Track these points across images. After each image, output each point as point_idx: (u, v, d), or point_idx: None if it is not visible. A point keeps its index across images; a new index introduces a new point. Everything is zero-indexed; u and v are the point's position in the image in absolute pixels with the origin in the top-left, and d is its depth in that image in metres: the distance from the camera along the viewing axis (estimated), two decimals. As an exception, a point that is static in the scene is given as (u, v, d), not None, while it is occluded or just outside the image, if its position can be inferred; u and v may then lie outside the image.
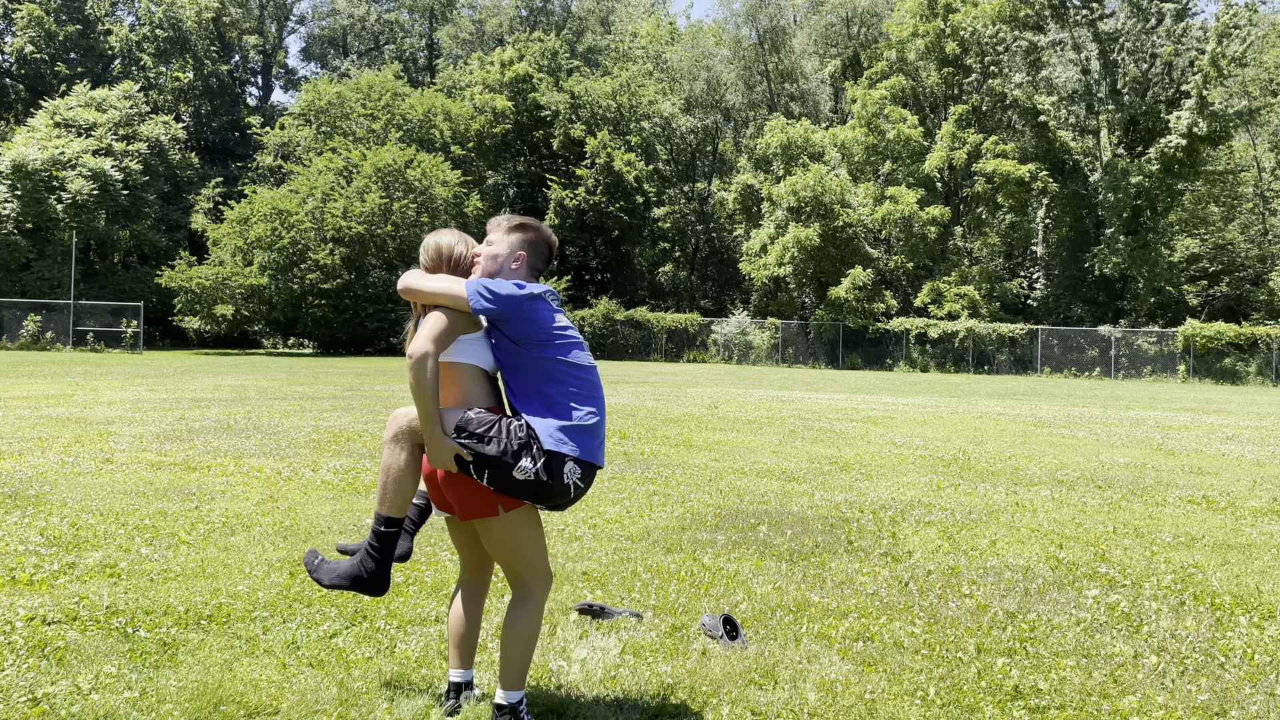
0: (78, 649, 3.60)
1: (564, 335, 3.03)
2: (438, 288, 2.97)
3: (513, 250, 3.11)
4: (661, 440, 10.57)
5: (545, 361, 2.99)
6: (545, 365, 2.99)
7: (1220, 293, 44.70)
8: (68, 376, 19.39)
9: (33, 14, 54.38)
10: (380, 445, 9.44)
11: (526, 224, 3.17)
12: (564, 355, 3.01)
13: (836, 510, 6.76)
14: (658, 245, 53.17)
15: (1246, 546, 5.95)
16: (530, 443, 2.88)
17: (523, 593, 3.06)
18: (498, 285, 2.94)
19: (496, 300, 2.91)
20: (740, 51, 56.78)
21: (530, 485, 2.87)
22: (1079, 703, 3.39)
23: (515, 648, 3.00)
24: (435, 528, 5.85)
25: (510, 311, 2.93)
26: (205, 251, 43.72)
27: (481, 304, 2.91)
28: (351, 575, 3.04)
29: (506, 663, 3.01)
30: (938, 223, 43.04)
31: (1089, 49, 42.30)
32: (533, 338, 2.97)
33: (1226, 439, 12.68)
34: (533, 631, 3.02)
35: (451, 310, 2.96)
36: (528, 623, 3.01)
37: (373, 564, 3.02)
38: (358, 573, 3.03)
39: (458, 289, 2.94)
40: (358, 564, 3.04)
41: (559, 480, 2.89)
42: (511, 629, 3.02)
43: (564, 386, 2.99)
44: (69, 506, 6.11)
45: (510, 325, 2.96)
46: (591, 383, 3.06)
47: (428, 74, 66.54)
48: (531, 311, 2.96)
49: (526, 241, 3.14)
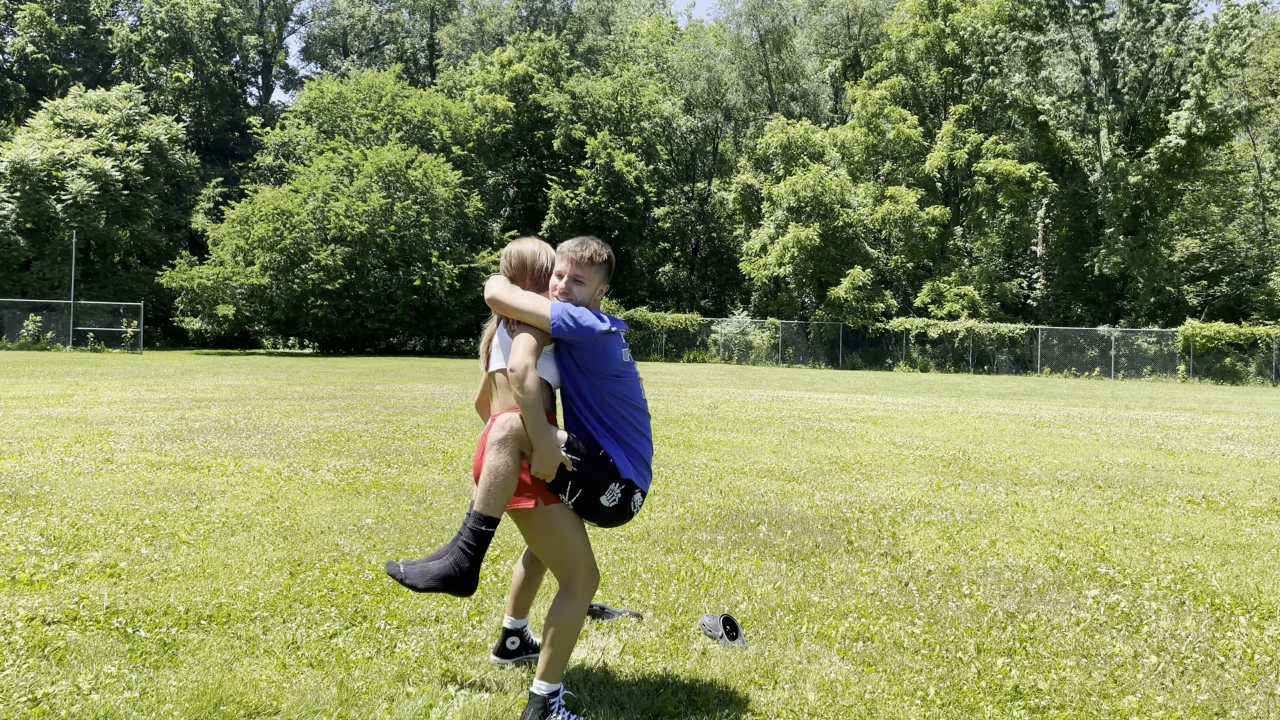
0: (78, 649, 3.60)
1: (629, 372, 3.25)
2: (525, 305, 3.13)
3: (601, 283, 3.30)
4: (661, 440, 10.57)
5: (609, 394, 3.20)
6: (608, 398, 3.20)
7: (1220, 293, 44.69)
8: (68, 376, 19.39)
9: (34, 14, 54.38)
10: (379, 446, 9.44)
11: (608, 258, 3.30)
12: (627, 392, 3.23)
13: (836, 510, 6.76)
14: (658, 245, 53.17)
15: (1246, 546, 5.95)
16: (616, 471, 3.13)
17: (567, 587, 3.15)
18: (581, 315, 3.11)
19: (578, 330, 3.10)
20: (741, 51, 56.78)
21: (610, 510, 3.15)
22: (1079, 703, 3.39)
23: (555, 640, 3.07)
24: (433, 527, 5.85)
25: (589, 342, 3.14)
26: (205, 251, 43.74)
27: (565, 330, 3.10)
28: (444, 575, 3.10)
29: (545, 653, 3.08)
30: (938, 223, 43.05)
31: (1089, 49, 42.31)
32: (600, 370, 3.18)
33: (1226, 439, 12.68)
34: (573, 625, 3.09)
35: (534, 327, 3.13)
36: (569, 616, 3.08)
37: (468, 563, 3.09)
38: (451, 572, 3.09)
39: (544, 310, 3.10)
40: (452, 563, 3.09)
41: (628, 508, 3.18)
42: (553, 621, 3.09)
43: (625, 421, 3.22)
44: (69, 506, 6.11)
45: (583, 353, 3.17)
46: (646, 417, 3.30)
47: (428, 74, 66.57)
48: (606, 346, 3.17)
49: (609, 272, 3.31)
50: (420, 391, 17.53)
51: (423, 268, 40.65)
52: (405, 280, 40.40)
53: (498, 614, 4.17)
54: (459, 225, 43.64)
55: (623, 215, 46.22)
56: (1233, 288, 44.33)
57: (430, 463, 8.43)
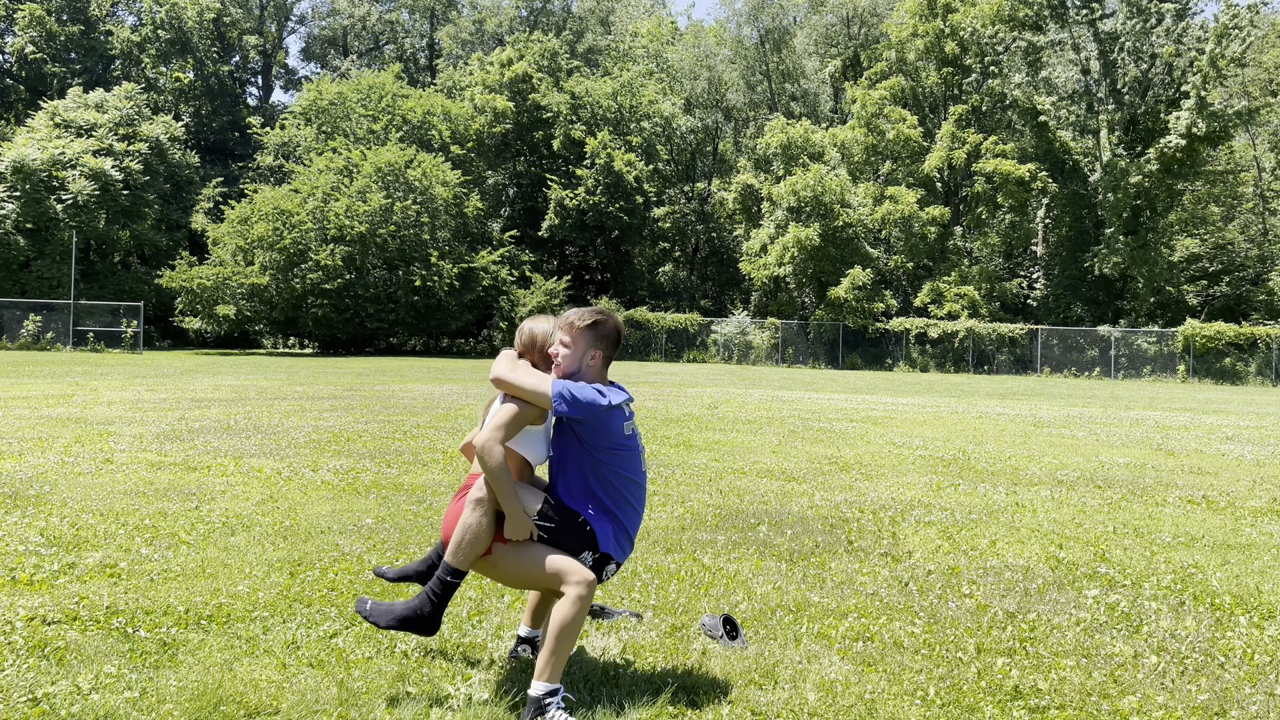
0: (78, 649, 3.60)
1: (628, 445, 3.32)
2: (527, 385, 3.21)
3: (588, 349, 3.35)
4: (661, 440, 10.57)
5: (605, 466, 3.27)
6: (604, 470, 3.27)
7: (1220, 293, 44.69)
8: (68, 376, 19.39)
9: (34, 14, 54.37)
10: (379, 446, 9.44)
11: (598, 320, 3.36)
12: (623, 465, 3.30)
13: (836, 510, 6.76)
14: (658, 245, 53.15)
15: (1246, 546, 5.95)
16: (593, 540, 3.24)
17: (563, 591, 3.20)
18: (580, 390, 3.19)
19: (576, 406, 3.18)
20: (741, 51, 56.77)
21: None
22: (1079, 703, 3.39)
23: (554, 640, 3.11)
24: (433, 527, 5.85)
25: (588, 418, 3.21)
26: (205, 251, 43.73)
27: (563, 407, 3.17)
28: (405, 616, 3.21)
29: (543, 653, 3.13)
30: (937, 223, 43.05)
31: (1089, 49, 42.30)
32: (598, 444, 3.26)
33: (1226, 439, 12.68)
34: (568, 624, 3.11)
35: (527, 404, 3.22)
36: (563, 616, 3.11)
37: (430, 608, 3.21)
38: (412, 615, 3.21)
39: (544, 388, 3.19)
40: (415, 606, 3.22)
41: (600, 578, 3.26)
42: (553, 621, 3.14)
43: (618, 493, 3.29)
44: (69, 506, 6.11)
45: (584, 428, 3.24)
46: (641, 489, 3.36)
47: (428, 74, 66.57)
48: (606, 422, 3.24)
49: (600, 338, 3.36)
50: (420, 391, 17.53)
51: (422, 268, 40.66)
52: (405, 280, 40.40)
53: (498, 614, 4.17)
54: (459, 225, 43.63)
55: (623, 215, 46.21)
56: (1233, 288, 44.33)
57: (430, 463, 8.43)
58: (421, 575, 3.49)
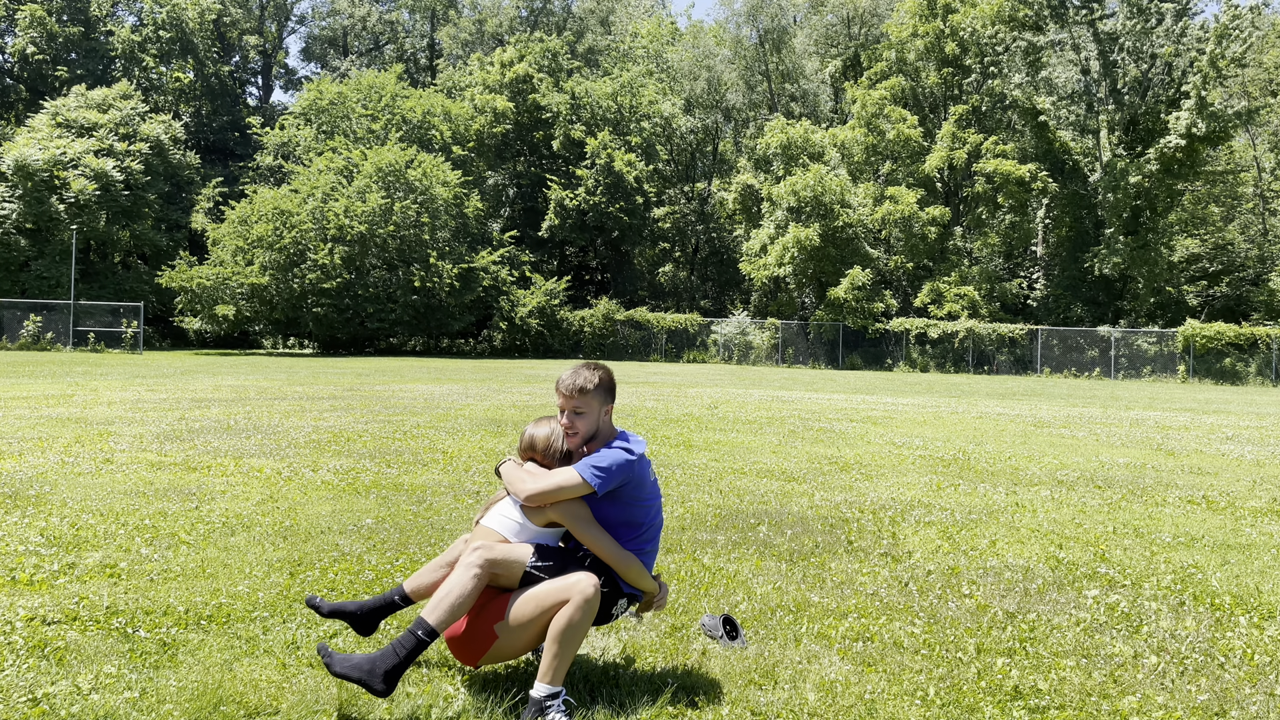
0: (78, 649, 3.60)
1: (654, 493, 3.46)
2: (555, 484, 3.27)
3: (602, 406, 3.45)
4: (661, 440, 10.57)
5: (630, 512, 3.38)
6: (630, 515, 3.39)
7: (1220, 293, 44.69)
8: (68, 376, 19.39)
9: (35, 14, 54.38)
10: (379, 446, 9.43)
11: (602, 376, 3.42)
12: (648, 513, 3.43)
13: (836, 510, 6.76)
14: (658, 245, 53.14)
15: (1246, 546, 5.95)
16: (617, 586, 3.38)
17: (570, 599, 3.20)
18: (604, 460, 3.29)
19: (613, 477, 3.28)
20: (741, 51, 56.76)
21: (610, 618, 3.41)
22: (1079, 703, 3.39)
23: (557, 642, 3.12)
24: (433, 527, 5.85)
25: (625, 478, 3.32)
26: (205, 251, 43.75)
27: (607, 484, 3.26)
28: (366, 669, 3.03)
29: (545, 655, 3.14)
30: (937, 223, 43.05)
31: (1089, 49, 42.30)
32: (636, 499, 3.39)
33: (1226, 439, 12.68)
34: (572, 627, 3.11)
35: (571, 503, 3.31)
36: (567, 618, 3.12)
37: (395, 662, 3.05)
38: (374, 668, 3.03)
39: (573, 479, 3.26)
40: (378, 658, 3.05)
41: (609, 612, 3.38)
42: (556, 623, 3.15)
43: (638, 534, 3.42)
44: (69, 506, 6.11)
45: (623, 489, 3.35)
46: (656, 529, 3.49)
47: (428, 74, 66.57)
48: (642, 474, 3.38)
49: (607, 392, 3.47)
50: (420, 391, 17.52)
51: (422, 268, 40.66)
52: (405, 280, 40.41)
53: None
54: (459, 225, 43.64)
55: (623, 215, 46.21)
56: (1233, 288, 44.33)
57: (430, 463, 8.43)
58: (354, 616, 3.43)
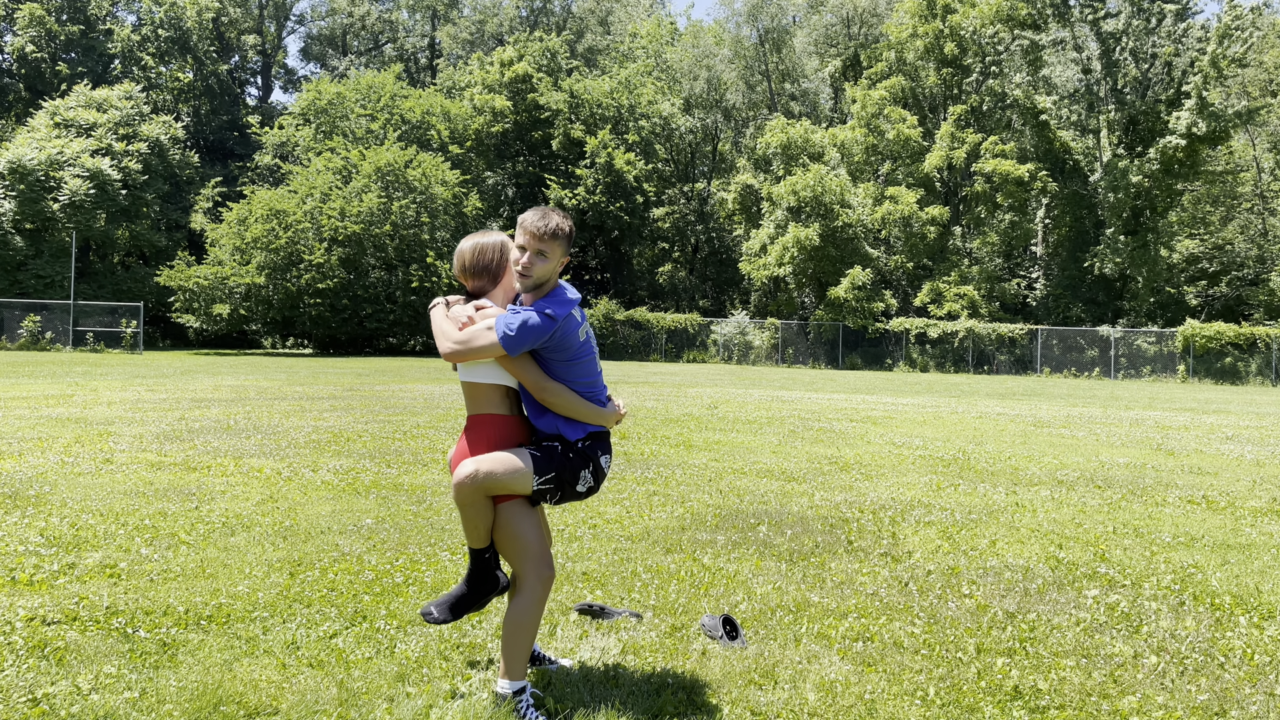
0: (78, 649, 3.60)
1: (586, 350, 3.23)
2: (468, 346, 3.08)
3: (563, 255, 3.19)
4: (661, 440, 10.57)
5: (562, 377, 3.19)
6: (562, 378, 3.20)
7: (1220, 293, 44.67)
8: (68, 376, 19.38)
9: (34, 13, 54.35)
10: (379, 446, 9.44)
11: (570, 229, 3.21)
12: (581, 372, 3.23)
13: (836, 510, 6.76)
14: (657, 245, 53.12)
15: (1246, 546, 5.95)
16: (580, 455, 3.20)
17: (519, 583, 3.20)
18: (522, 321, 3.03)
19: (523, 340, 3.05)
20: (741, 51, 56.75)
21: (588, 490, 3.26)
22: (1079, 703, 3.39)
23: (509, 637, 3.14)
24: (433, 527, 5.85)
25: (539, 339, 3.08)
26: (204, 251, 43.76)
27: (515, 348, 3.06)
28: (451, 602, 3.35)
29: (503, 652, 3.15)
30: (937, 222, 43.05)
31: (1090, 48, 42.31)
32: (555, 359, 3.17)
33: (1226, 439, 12.68)
34: (525, 622, 3.12)
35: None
36: (520, 614, 3.12)
37: (466, 588, 3.32)
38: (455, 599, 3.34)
39: (489, 339, 3.06)
40: (458, 590, 3.35)
41: (600, 475, 3.27)
42: (508, 619, 3.15)
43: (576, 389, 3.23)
44: (69, 506, 6.11)
45: (544, 349, 3.15)
46: (600, 387, 3.31)
47: (428, 74, 66.56)
48: (562, 338, 3.14)
49: (569, 239, 3.20)
50: (420, 392, 17.52)
51: (420, 268, 40.65)
52: (404, 280, 40.39)
53: (499, 614, 4.16)
54: (458, 225, 43.63)
55: (622, 215, 46.19)
56: (1232, 288, 44.31)
57: (430, 463, 8.43)
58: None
